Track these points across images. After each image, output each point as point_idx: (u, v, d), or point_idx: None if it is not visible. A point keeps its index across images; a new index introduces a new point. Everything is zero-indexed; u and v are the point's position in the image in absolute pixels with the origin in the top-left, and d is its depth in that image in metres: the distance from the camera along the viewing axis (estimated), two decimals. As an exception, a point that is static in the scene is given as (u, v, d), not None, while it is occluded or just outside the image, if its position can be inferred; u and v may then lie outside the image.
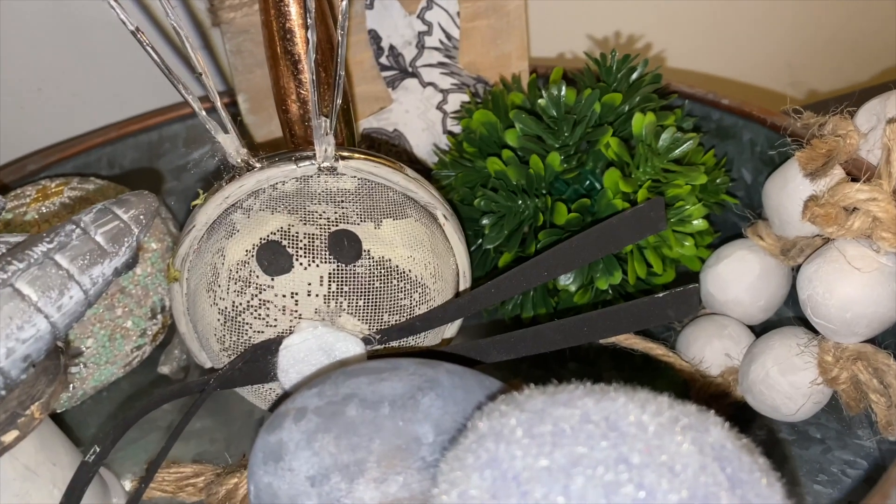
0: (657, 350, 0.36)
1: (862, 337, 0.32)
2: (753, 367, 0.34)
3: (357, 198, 0.32)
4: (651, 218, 0.33)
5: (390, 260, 0.31)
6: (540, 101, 0.39)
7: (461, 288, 0.35)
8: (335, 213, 0.31)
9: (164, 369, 0.41)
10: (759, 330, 0.36)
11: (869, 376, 0.31)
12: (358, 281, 0.30)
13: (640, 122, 0.37)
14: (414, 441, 0.23)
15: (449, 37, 0.45)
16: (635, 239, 0.34)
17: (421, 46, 0.45)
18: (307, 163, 0.31)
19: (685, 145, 0.37)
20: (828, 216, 0.31)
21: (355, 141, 0.38)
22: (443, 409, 0.23)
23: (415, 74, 0.45)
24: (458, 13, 0.45)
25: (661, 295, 0.30)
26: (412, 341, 0.33)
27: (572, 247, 0.32)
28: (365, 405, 0.23)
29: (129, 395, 0.41)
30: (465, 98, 0.46)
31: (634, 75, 0.41)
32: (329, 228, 0.30)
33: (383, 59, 0.45)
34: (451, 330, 0.36)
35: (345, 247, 0.30)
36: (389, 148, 0.47)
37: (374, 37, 0.44)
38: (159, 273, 0.40)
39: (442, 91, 0.46)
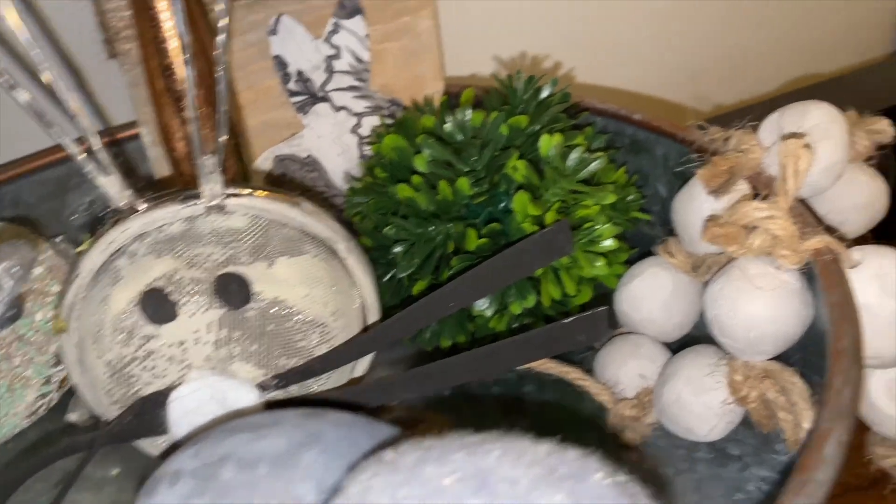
0: (572, 374, 0.36)
1: (768, 355, 0.31)
2: (666, 388, 0.33)
3: (249, 236, 0.30)
4: (558, 241, 0.33)
5: (284, 300, 0.30)
6: (445, 125, 0.38)
7: (369, 321, 0.34)
8: (223, 254, 0.29)
9: (73, 417, 0.39)
10: (676, 347, 0.36)
11: (777, 394, 0.31)
12: (249, 325, 0.29)
13: (548, 144, 0.37)
14: (293, 501, 0.22)
15: (359, 59, 0.44)
16: (544, 263, 0.34)
17: (330, 70, 0.44)
18: (193, 202, 0.30)
19: (592, 165, 0.36)
20: (727, 235, 0.31)
21: (249, 177, 0.37)
22: (325, 465, 0.22)
23: (326, 99, 0.44)
24: (368, 35, 0.44)
25: (568, 320, 0.30)
26: (314, 384, 0.31)
27: (483, 273, 0.32)
28: (241, 466, 0.22)
29: (34, 444, 0.39)
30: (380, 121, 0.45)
31: (543, 94, 0.40)
32: (216, 271, 0.29)
33: (291, 85, 0.43)
34: (361, 367, 0.35)
35: (233, 290, 0.29)
36: (304, 175, 0.46)
37: (280, 62, 0.43)
38: (61, 318, 0.38)
39: (356, 115, 0.45)
